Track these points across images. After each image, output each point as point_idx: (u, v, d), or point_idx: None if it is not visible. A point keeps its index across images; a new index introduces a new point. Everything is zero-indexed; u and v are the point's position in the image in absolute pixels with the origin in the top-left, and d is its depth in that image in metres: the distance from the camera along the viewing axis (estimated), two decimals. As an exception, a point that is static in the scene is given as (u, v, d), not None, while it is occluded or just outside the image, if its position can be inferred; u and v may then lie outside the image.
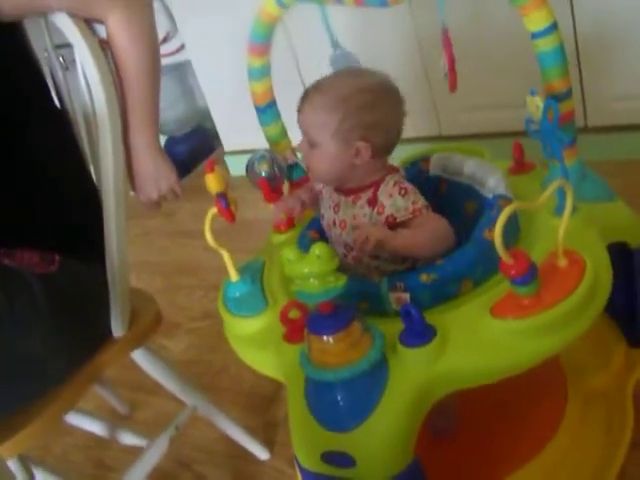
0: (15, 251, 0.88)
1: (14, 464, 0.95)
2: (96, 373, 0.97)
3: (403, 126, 0.88)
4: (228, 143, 2.31)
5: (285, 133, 1.04)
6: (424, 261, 0.86)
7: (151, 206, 1.03)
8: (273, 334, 0.81)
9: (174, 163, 1.01)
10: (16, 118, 0.92)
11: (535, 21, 0.77)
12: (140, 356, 1.04)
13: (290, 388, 0.76)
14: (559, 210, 0.78)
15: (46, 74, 0.99)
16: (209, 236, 0.80)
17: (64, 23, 0.85)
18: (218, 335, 0.97)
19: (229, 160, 2.32)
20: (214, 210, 0.81)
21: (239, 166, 1.03)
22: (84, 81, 0.91)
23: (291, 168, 1.03)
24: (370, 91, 0.84)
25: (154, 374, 1.08)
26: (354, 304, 0.72)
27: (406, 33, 1.75)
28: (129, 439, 1.24)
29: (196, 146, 2.57)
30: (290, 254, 0.67)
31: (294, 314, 0.78)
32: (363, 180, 0.86)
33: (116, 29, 0.87)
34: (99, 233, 0.92)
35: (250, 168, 0.98)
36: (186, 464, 1.28)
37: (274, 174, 0.97)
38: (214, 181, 0.83)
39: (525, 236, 0.83)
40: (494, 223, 0.65)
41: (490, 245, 0.68)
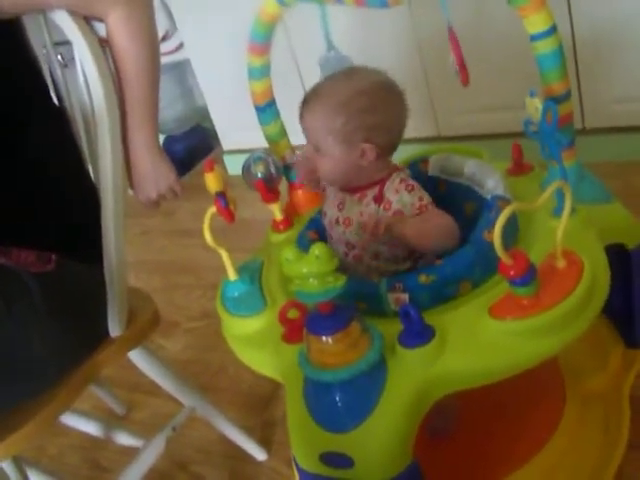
0: (11, 250, 0.88)
1: (8, 465, 0.94)
2: (93, 373, 0.97)
3: (407, 120, 0.88)
4: (227, 142, 2.31)
5: (284, 132, 1.04)
6: (425, 261, 0.86)
7: (150, 205, 1.03)
8: (272, 334, 0.81)
9: (172, 162, 1.01)
10: (17, 117, 0.92)
11: (534, 23, 0.77)
12: (137, 356, 1.04)
13: (289, 388, 0.76)
14: (558, 211, 0.78)
15: (44, 72, 0.99)
16: (208, 235, 0.80)
17: (63, 20, 0.85)
18: (216, 335, 0.97)
19: (227, 159, 2.32)
20: (213, 209, 0.81)
21: (237, 165, 1.02)
22: (83, 79, 0.90)
23: (288, 168, 1.03)
24: (370, 92, 0.84)
25: (151, 374, 1.08)
26: (353, 304, 0.72)
27: (405, 34, 1.75)
28: (125, 439, 1.24)
29: (194, 145, 2.57)
30: (289, 254, 0.66)
31: (293, 314, 0.78)
32: (369, 178, 0.87)
33: (116, 26, 0.86)
34: (98, 232, 0.91)
35: (246, 170, 0.98)
36: (183, 465, 1.28)
37: (270, 175, 0.97)
38: (213, 180, 0.83)
39: (524, 237, 0.83)
40: (493, 224, 0.66)
41: (489, 246, 0.68)
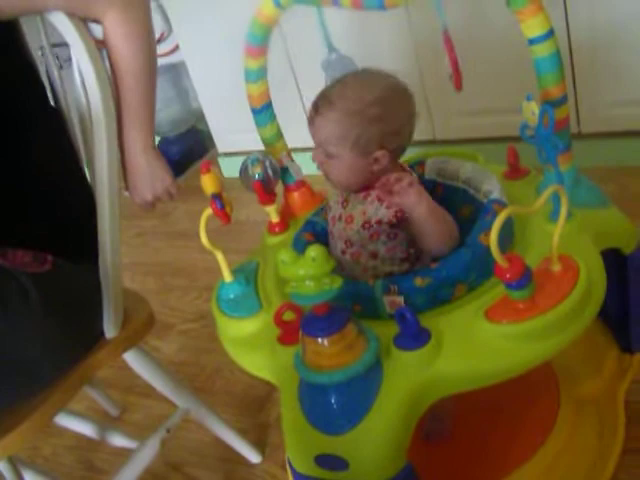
0: (7, 250, 0.88)
1: (3, 466, 0.94)
2: (87, 374, 0.96)
3: (416, 122, 0.88)
4: (222, 144, 2.31)
5: (280, 135, 1.04)
6: (422, 262, 0.86)
7: (145, 207, 1.02)
8: (267, 336, 0.81)
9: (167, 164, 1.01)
10: (13, 119, 0.92)
11: (532, 27, 0.77)
12: (132, 357, 1.04)
13: (284, 391, 0.76)
14: (554, 215, 0.79)
15: (41, 73, 0.99)
16: (204, 237, 0.80)
17: (61, 22, 0.85)
18: (211, 337, 0.97)
19: (222, 162, 2.31)
20: (209, 211, 0.81)
21: (232, 168, 1.02)
22: (80, 80, 0.90)
23: (285, 171, 1.03)
24: (383, 99, 0.84)
25: (146, 375, 1.07)
26: (348, 306, 0.72)
27: (402, 37, 1.75)
28: (119, 441, 1.23)
29: (190, 147, 2.56)
30: (285, 256, 0.66)
31: (289, 316, 0.78)
32: (376, 180, 0.86)
33: (113, 28, 0.86)
34: (94, 233, 0.91)
35: (244, 171, 0.98)
36: (177, 466, 1.28)
37: (268, 177, 0.97)
38: (209, 182, 0.83)
39: (520, 241, 0.83)
40: (489, 228, 0.66)
41: (485, 249, 0.68)
